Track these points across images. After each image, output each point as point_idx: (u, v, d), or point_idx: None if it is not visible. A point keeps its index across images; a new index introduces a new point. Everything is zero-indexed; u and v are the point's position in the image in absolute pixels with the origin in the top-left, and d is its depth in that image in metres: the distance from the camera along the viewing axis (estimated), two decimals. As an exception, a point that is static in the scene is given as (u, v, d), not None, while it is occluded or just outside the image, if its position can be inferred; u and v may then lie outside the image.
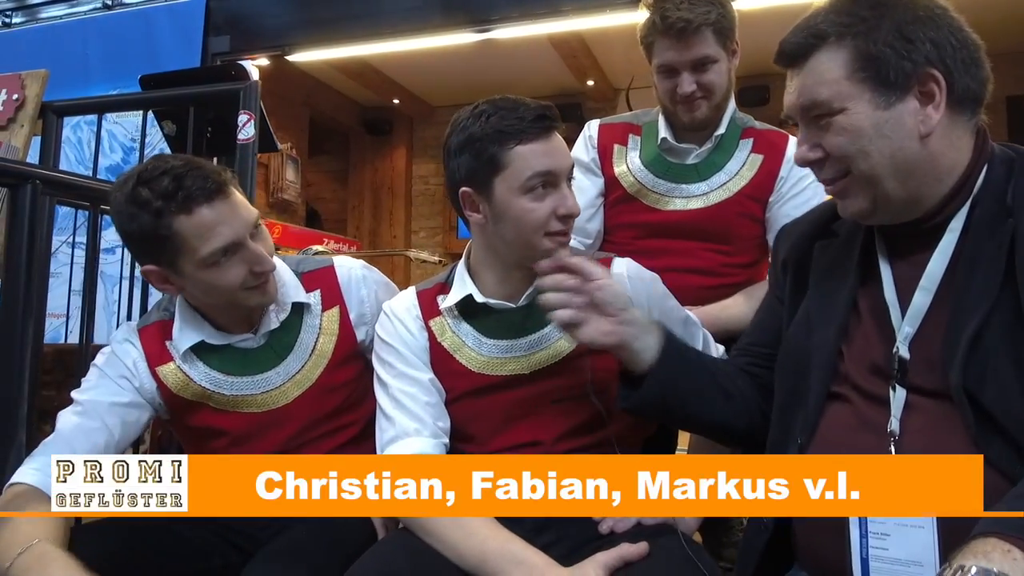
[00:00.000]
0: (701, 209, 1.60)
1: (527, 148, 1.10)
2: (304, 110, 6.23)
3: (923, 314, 0.91)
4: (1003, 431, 0.82)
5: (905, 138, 0.89)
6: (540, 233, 1.11)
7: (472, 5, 3.90)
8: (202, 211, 1.14)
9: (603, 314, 1.02)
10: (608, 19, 3.69)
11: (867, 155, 0.90)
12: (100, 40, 4.49)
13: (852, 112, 0.90)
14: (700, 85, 1.54)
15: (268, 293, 1.25)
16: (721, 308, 1.52)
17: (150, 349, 1.29)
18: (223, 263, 1.18)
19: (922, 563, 0.82)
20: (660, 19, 1.51)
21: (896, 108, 0.89)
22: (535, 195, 1.10)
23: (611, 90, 6.12)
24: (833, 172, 0.94)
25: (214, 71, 3.32)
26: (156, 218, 1.13)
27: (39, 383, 1.62)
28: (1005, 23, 4.69)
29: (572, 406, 1.17)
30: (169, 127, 2.54)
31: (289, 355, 1.31)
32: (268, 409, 1.29)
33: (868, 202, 0.93)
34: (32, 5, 4.85)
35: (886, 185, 0.91)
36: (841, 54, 0.90)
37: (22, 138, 2.20)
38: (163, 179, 1.13)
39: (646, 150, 1.66)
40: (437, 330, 1.22)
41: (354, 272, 1.39)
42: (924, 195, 0.92)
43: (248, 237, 1.19)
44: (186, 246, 1.15)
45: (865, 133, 0.89)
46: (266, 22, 4.26)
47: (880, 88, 0.89)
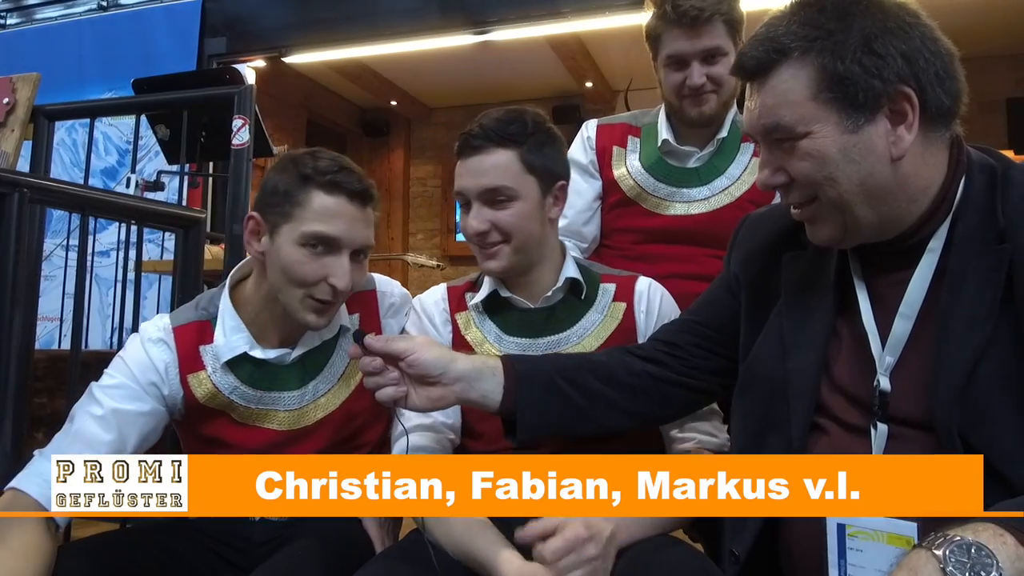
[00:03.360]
0: (704, 214, 1.58)
1: (458, 165, 1.21)
2: (301, 112, 6.22)
3: (904, 341, 0.86)
4: (999, 476, 0.76)
5: (875, 162, 0.83)
6: (472, 242, 1.21)
7: (470, 7, 3.90)
8: (335, 199, 1.17)
9: (426, 384, 1.00)
10: (607, 21, 3.70)
11: (835, 182, 0.84)
12: (96, 41, 4.48)
13: (817, 136, 0.83)
14: (710, 78, 1.52)
15: (324, 317, 1.22)
16: None
17: (184, 353, 1.24)
18: (312, 252, 1.17)
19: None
20: (672, 7, 1.49)
21: (865, 131, 0.83)
22: (463, 210, 1.20)
23: (610, 92, 6.12)
24: (799, 197, 0.88)
25: (208, 75, 3.31)
26: (301, 181, 1.18)
27: (28, 393, 1.59)
28: (1006, 25, 4.69)
29: None
30: (163, 131, 2.53)
31: (319, 376, 1.29)
32: (290, 428, 1.27)
33: (838, 229, 0.88)
34: (27, 6, 4.84)
35: (856, 212, 0.85)
36: (805, 72, 0.83)
37: (13, 143, 2.18)
38: (328, 160, 1.19)
39: (646, 153, 1.64)
40: (462, 324, 1.26)
41: (394, 300, 1.38)
42: (898, 217, 0.87)
43: (349, 250, 1.19)
44: (300, 215, 1.17)
45: (832, 159, 0.83)
46: (263, 24, 4.25)
47: (848, 110, 0.82)
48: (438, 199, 6.93)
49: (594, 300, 1.26)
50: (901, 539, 0.79)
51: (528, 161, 1.18)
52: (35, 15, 4.82)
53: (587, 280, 1.26)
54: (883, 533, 0.80)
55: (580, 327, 1.23)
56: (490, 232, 1.18)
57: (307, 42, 4.25)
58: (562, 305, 1.25)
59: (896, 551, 0.78)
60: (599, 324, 1.23)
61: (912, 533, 0.77)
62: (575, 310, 1.24)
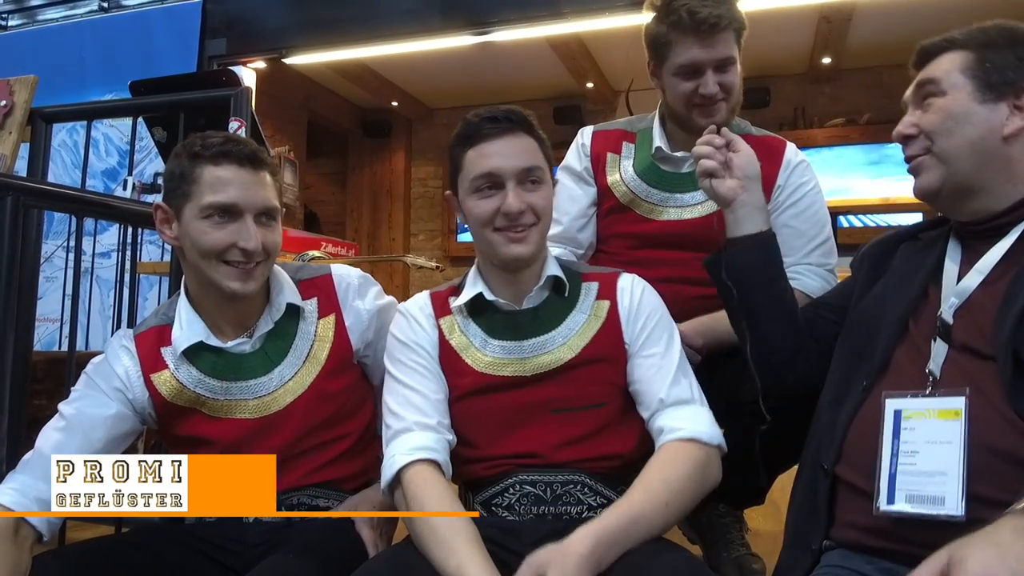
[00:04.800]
0: (697, 219, 1.57)
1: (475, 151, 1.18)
2: (302, 113, 6.22)
3: (972, 289, 1.01)
4: None
5: (988, 132, 1.02)
6: (490, 228, 1.18)
7: (471, 8, 3.90)
8: (225, 168, 1.21)
9: (732, 176, 1.21)
10: (607, 21, 3.69)
11: (950, 135, 1.04)
12: (96, 43, 4.48)
13: (952, 98, 1.04)
14: (722, 86, 1.50)
15: (249, 282, 1.24)
16: (717, 319, 1.46)
17: (145, 355, 1.28)
18: (215, 222, 1.21)
19: (946, 472, 0.89)
20: (688, 15, 1.45)
21: (988, 106, 1.03)
22: (481, 195, 1.18)
23: (611, 92, 6.11)
24: (918, 148, 1.07)
25: (205, 77, 3.31)
26: (191, 160, 1.22)
27: (26, 396, 1.59)
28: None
29: (573, 417, 1.18)
30: (160, 134, 2.53)
31: (283, 361, 1.31)
32: (261, 416, 1.28)
33: (938, 180, 1.05)
34: (28, 7, 4.84)
35: (959, 166, 1.03)
36: (963, 55, 1.06)
37: (10, 145, 2.18)
38: (216, 137, 1.24)
39: (639, 158, 1.64)
40: (446, 328, 1.25)
41: (351, 281, 1.39)
42: (994, 191, 1.03)
43: (251, 214, 1.22)
44: (197, 192, 1.21)
45: (956, 116, 1.04)
46: (263, 25, 4.25)
47: (982, 87, 1.03)
48: (439, 200, 6.92)
49: (577, 299, 1.25)
50: (950, 412, 0.92)
51: (544, 151, 1.23)
52: (37, 16, 4.82)
53: (569, 278, 1.26)
54: (934, 411, 0.93)
55: (565, 327, 1.22)
56: (526, 213, 1.17)
57: (308, 43, 4.25)
58: (546, 306, 1.24)
59: (946, 424, 0.91)
60: (584, 324, 1.23)
61: (960, 406, 0.91)
62: (559, 311, 1.24)
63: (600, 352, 1.21)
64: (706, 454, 1.11)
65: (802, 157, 1.62)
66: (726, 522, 1.59)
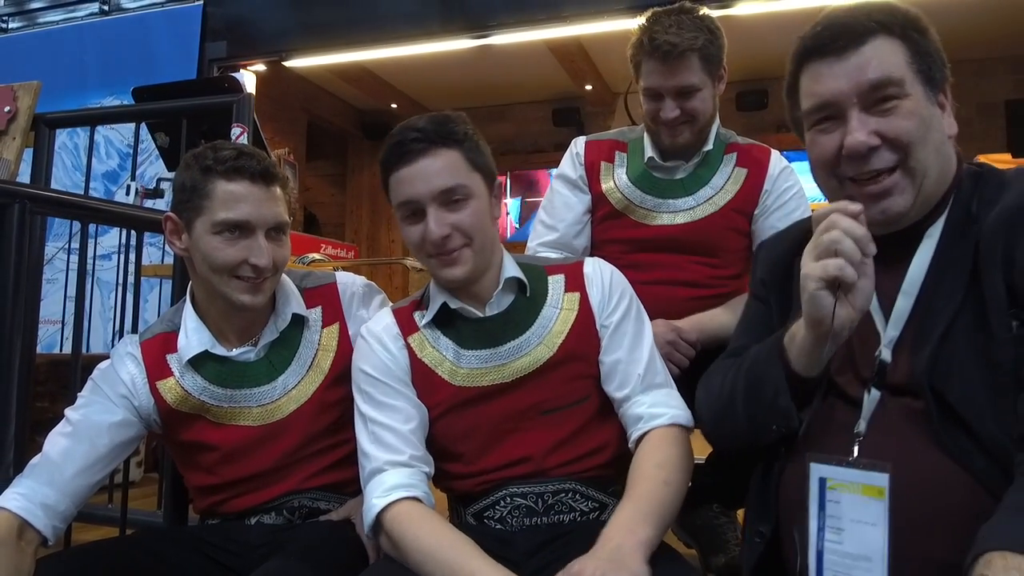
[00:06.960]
0: (688, 223, 1.62)
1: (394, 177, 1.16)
2: (302, 115, 6.22)
3: (906, 317, 0.91)
4: (965, 425, 0.84)
5: (942, 136, 0.92)
6: (423, 254, 1.17)
7: (470, 11, 3.91)
8: (238, 183, 1.22)
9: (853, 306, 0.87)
10: (606, 25, 3.70)
11: (924, 144, 0.89)
12: (97, 46, 4.49)
13: (915, 99, 0.89)
14: (683, 111, 1.55)
15: (259, 295, 1.25)
16: (709, 317, 1.54)
17: (151, 363, 1.29)
18: (227, 238, 1.22)
19: (870, 558, 0.83)
20: (648, 40, 1.51)
21: (933, 107, 0.91)
22: (407, 222, 1.17)
23: (610, 94, 6.11)
24: (883, 163, 0.89)
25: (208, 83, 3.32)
26: (204, 173, 1.22)
27: (30, 401, 1.60)
28: (1005, 28, 4.70)
29: (560, 417, 1.17)
30: (162, 139, 2.54)
31: (287, 369, 1.31)
32: (264, 423, 1.29)
33: (911, 198, 0.90)
34: (29, 11, 4.85)
35: (927, 181, 0.90)
36: (899, 44, 0.91)
37: (14, 151, 2.19)
38: (227, 150, 1.24)
39: (632, 166, 1.68)
40: (416, 346, 1.21)
41: (356, 290, 1.40)
42: (930, 199, 0.92)
43: (263, 230, 1.24)
44: (209, 207, 1.22)
45: (925, 122, 0.90)
46: (264, 28, 4.26)
47: (928, 84, 0.91)
48: (439, 201, 6.92)
49: (546, 295, 1.22)
50: (874, 490, 0.83)
51: (471, 159, 1.16)
52: (37, 19, 4.83)
53: (531, 275, 1.23)
54: (858, 485, 0.85)
55: (539, 326, 1.19)
56: (452, 236, 1.13)
57: (308, 46, 4.25)
58: (514, 308, 1.21)
59: (870, 501, 0.83)
60: (557, 318, 1.20)
61: (884, 484, 0.82)
62: (529, 310, 1.21)
63: (577, 346, 1.19)
64: (687, 436, 1.15)
65: (785, 163, 1.68)
66: (720, 523, 1.62)
